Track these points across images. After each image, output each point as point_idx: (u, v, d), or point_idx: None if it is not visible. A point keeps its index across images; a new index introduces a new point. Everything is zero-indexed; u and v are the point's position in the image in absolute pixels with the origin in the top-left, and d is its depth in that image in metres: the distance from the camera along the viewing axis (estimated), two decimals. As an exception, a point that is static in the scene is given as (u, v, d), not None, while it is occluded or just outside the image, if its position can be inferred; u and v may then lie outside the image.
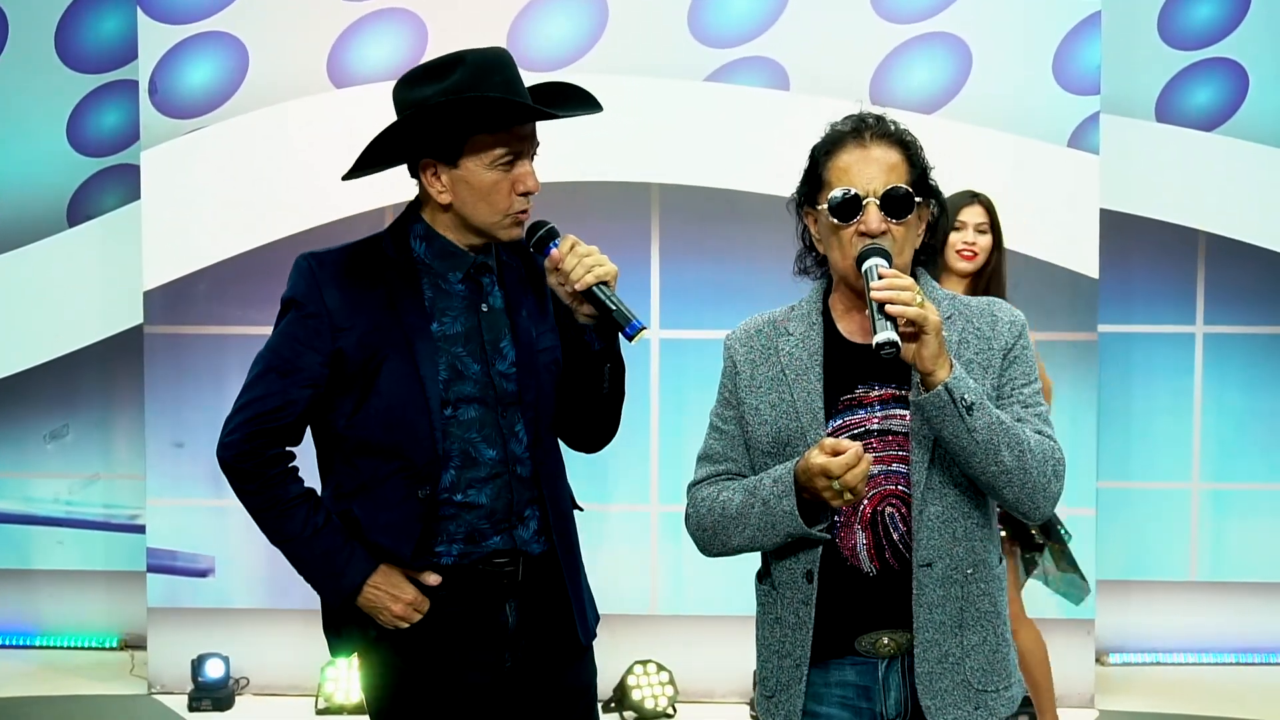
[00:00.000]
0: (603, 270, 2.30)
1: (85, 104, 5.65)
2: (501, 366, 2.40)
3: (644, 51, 5.07)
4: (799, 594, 2.23)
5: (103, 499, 5.73)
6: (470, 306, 2.41)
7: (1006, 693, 2.26)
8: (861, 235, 2.18)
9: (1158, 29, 5.49)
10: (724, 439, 2.33)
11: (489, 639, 2.42)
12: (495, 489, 2.39)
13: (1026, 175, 4.98)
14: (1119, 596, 5.47)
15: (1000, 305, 2.30)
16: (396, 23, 5.08)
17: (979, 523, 2.23)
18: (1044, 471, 2.15)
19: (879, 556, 2.20)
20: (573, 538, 2.51)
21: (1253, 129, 5.48)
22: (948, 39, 5.03)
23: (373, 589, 2.36)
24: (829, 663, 2.24)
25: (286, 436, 2.40)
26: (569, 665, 2.50)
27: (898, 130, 2.26)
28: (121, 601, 5.63)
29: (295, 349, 2.37)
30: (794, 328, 2.31)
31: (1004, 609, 2.29)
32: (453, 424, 2.35)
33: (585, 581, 2.56)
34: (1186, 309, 5.55)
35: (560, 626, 2.48)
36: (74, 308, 5.68)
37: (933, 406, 2.09)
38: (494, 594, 2.42)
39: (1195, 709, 5.05)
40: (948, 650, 2.20)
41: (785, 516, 2.16)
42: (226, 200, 5.12)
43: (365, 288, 2.36)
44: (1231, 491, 5.60)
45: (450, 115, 2.28)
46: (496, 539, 2.40)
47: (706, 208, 5.07)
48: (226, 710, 5.02)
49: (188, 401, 5.19)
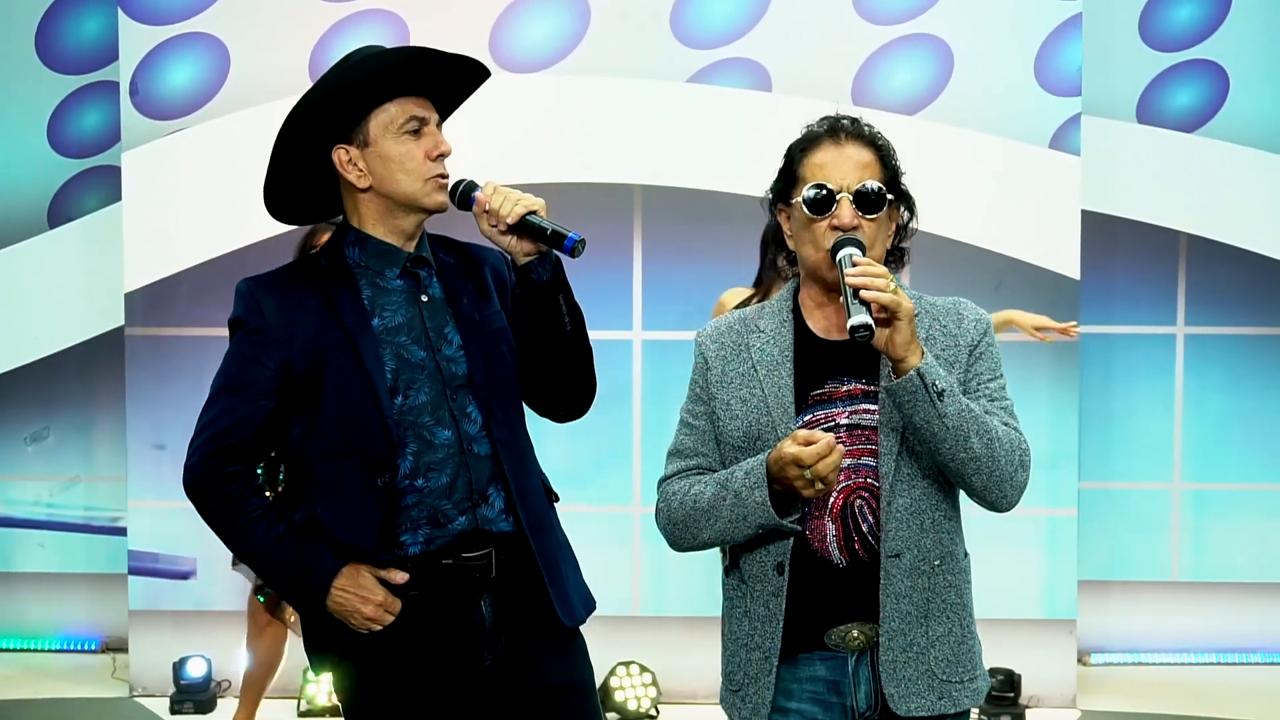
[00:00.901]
0: (529, 201, 2.34)
1: (66, 105, 5.64)
2: (448, 351, 2.41)
3: (626, 53, 5.05)
4: (769, 586, 2.24)
5: (84, 501, 5.72)
6: (410, 299, 2.42)
7: (971, 684, 2.28)
8: (834, 229, 2.22)
9: (1139, 30, 5.49)
10: (695, 434, 2.36)
11: (465, 639, 2.38)
12: (453, 469, 2.37)
13: (1008, 176, 4.98)
14: (1100, 597, 5.47)
15: (965, 304, 2.34)
16: (379, 23, 5.05)
17: (946, 514, 2.26)
18: (1011, 460, 2.18)
19: (848, 548, 2.22)
20: (544, 516, 2.47)
21: (1234, 130, 5.49)
22: (929, 40, 5.01)
23: (340, 591, 2.34)
24: (798, 658, 2.25)
25: (243, 453, 2.40)
26: (556, 660, 2.44)
27: (871, 132, 2.32)
28: (103, 604, 5.61)
29: (243, 365, 2.40)
30: (765, 324, 2.33)
31: (969, 601, 2.32)
32: (405, 411, 2.36)
33: (569, 561, 2.52)
34: (1167, 310, 5.55)
35: (540, 615, 2.42)
36: (54, 309, 5.66)
37: (904, 392, 2.12)
38: (466, 590, 2.38)
39: (1177, 709, 5.05)
40: (912, 640, 2.22)
41: (757, 508, 2.17)
42: (208, 202, 5.09)
43: (303, 298, 2.40)
44: (1212, 492, 5.60)
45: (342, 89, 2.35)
46: (461, 519, 2.37)
47: (689, 209, 5.05)
48: (209, 713, 4.99)
49: (169, 403, 5.14)
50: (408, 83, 2.39)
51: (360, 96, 2.36)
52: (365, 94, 2.36)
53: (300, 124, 2.37)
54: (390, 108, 2.37)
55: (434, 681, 2.38)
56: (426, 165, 2.38)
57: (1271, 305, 5.53)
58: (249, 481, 2.41)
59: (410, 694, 2.38)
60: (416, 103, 2.39)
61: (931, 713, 2.22)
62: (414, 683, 2.38)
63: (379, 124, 2.37)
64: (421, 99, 2.41)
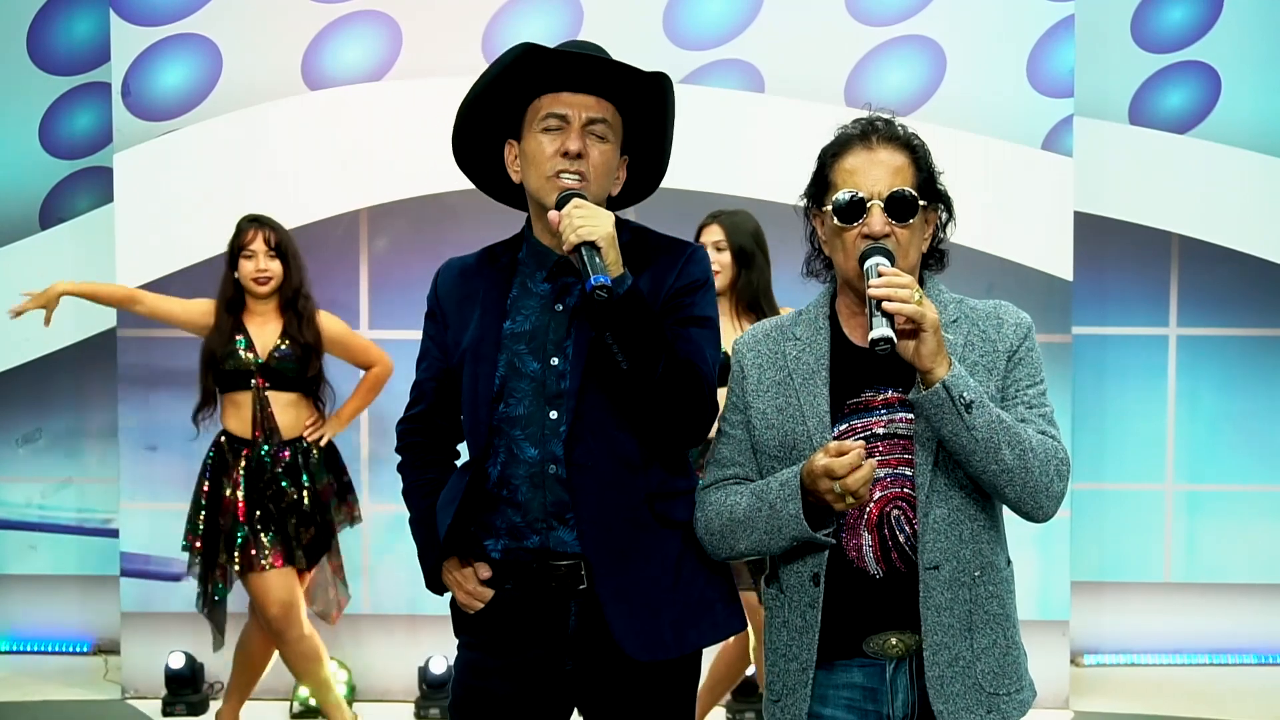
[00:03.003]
0: (586, 230, 2.22)
1: (57, 106, 5.70)
2: (560, 365, 2.34)
3: (619, 53, 4.91)
4: (806, 597, 2.21)
5: (75, 503, 5.72)
6: (546, 306, 2.38)
7: (1018, 695, 2.24)
8: (865, 238, 2.17)
9: (1131, 32, 5.55)
10: (732, 444, 2.32)
11: (549, 638, 2.36)
12: (530, 488, 2.34)
13: (1001, 178, 4.98)
14: (1093, 598, 5.52)
15: (1006, 308, 2.28)
16: (371, 24, 5.09)
17: (985, 525, 2.21)
18: (1046, 471, 2.12)
19: (885, 559, 2.17)
20: (625, 543, 2.32)
21: (1226, 131, 5.54)
22: (922, 41, 5.01)
23: (445, 573, 2.43)
24: (835, 664, 2.22)
25: (424, 421, 2.51)
26: (630, 687, 2.34)
27: (906, 134, 2.25)
28: (94, 606, 5.61)
29: (425, 343, 2.52)
30: (800, 332, 2.29)
31: (1013, 612, 2.26)
32: (501, 420, 2.36)
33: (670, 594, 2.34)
34: (1160, 311, 5.59)
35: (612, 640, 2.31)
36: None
37: (930, 404, 2.07)
38: (553, 592, 2.34)
39: (1169, 709, 5.05)
40: (958, 653, 2.17)
41: (791, 520, 2.15)
42: (200, 203, 5.11)
43: (473, 290, 2.45)
44: (1205, 493, 5.64)
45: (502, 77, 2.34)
46: (535, 539, 2.35)
47: (682, 209, 4.98)
48: (200, 715, 4.97)
49: (161, 405, 5.16)
50: (572, 79, 2.34)
51: (515, 89, 2.36)
52: (520, 87, 2.35)
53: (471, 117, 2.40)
54: (542, 101, 2.34)
55: (516, 670, 2.38)
56: (552, 161, 2.32)
57: (1264, 306, 5.57)
58: (420, 452, 2.53)
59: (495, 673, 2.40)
60: (574, 99, 2.33)
61: None
62: (499, 666, 2.39)
63: (531, 119, 2.36)
64: (586, 96, 2.34)
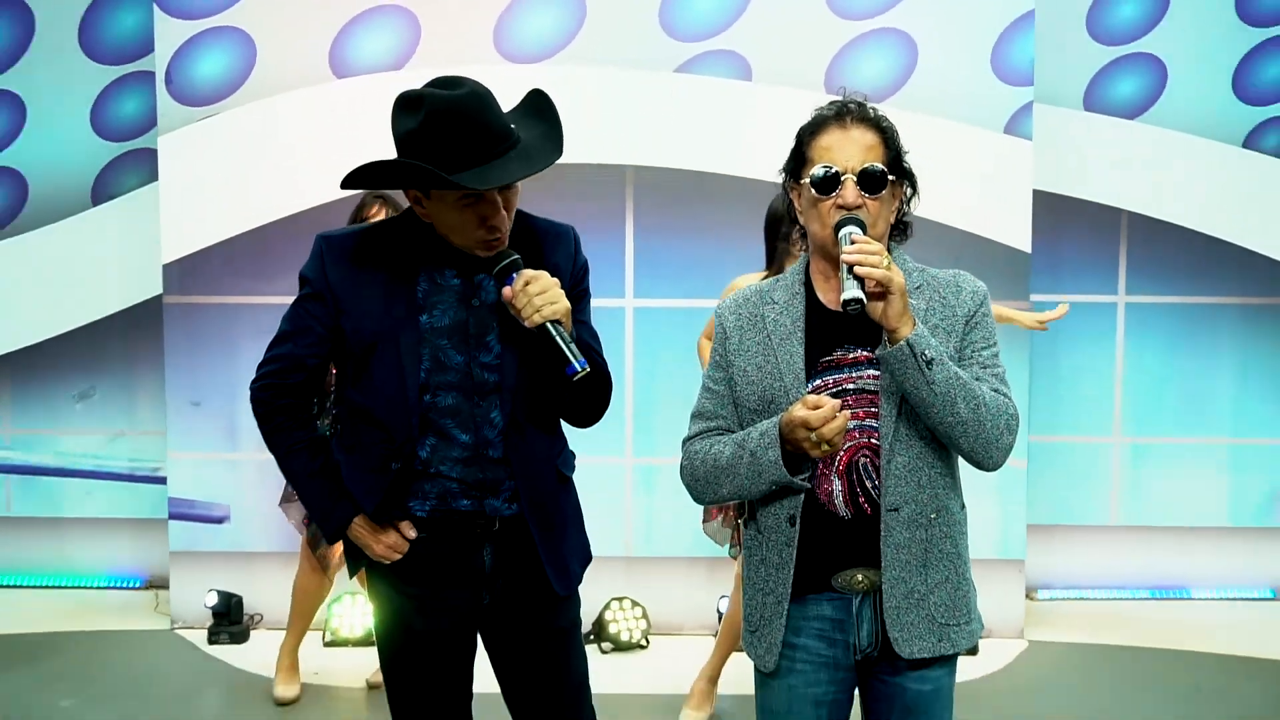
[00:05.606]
0: (550, 310, 2.23)
1: (107, 93, 5.60)
2: (485, 359, 2.36)
3: (619, 44, 5.02)
4: (782, 536, 2.23)
5: (128, 453, 5.72)
6: (462, 300, 2.35)
7: (967, 627, 2.27)
8: (839, 208, 2.18)
9: (1086, 26, 5.46)
10: (715, 398, 2.33)
11: (467, 578, 2.41)
12: (466, 466, 2.37)
13: (966, 158, 4.95)
14: (1046, 539, 5.50)
15: (964, 277, 2.31)
16: (391, 17, 5.03)
17: (942, 472, 2.23)
18: (997, 425, 2.16)
19: (853, 502, 2.20)
20: (548, 504, 2.43)
21: (1171, 117, 5.47)
22: (896, 34, 4.99)
23: (356, 530, 2.40)
24: (807, 599, 2.24)
25: (295, 391, 2.43)
26: (548, 609, 2.46)
27: (876, 115, 2.26)
28: (145, 546, 5.63)
29: (303, 319, 2.39)
30: (778, 296, 2.30)
31: (965, 551, 2.29)
32: (430, 410, 2.34)
33: (571, 537, 2.49)
34: (1110, 281, 5.54)
35: (536, 578, 2.43)
36: (98, 280, 5.64)
37: (895, 360, 2.10)
38: (470, 540, 2.40)
39: (1115, 640, 5.07)
40: (913, 587, 2.20)
41: (771, 466, 2.16)
42: (238, 181, 5.08)
43: (368, 275, 2.35)
44: (1148, 445, 5.61)
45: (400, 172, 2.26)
46: (465, 502, 2.38)
47: (676, 187, 5.03)
48: (242, 644, 5.01)
49: (203, 364, 5.16)
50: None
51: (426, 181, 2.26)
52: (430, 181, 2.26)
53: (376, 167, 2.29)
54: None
55: (437, 609, 2.41)
56: (476, 232, 2.28)
57: (1204, 277, 5.51)
58: (297, 414, 2.44)
59: (418, 615, 2.42)
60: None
61: (932, 654, 2.21)
62: (420, 606, 2.42)
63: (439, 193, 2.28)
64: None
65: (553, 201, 3.22)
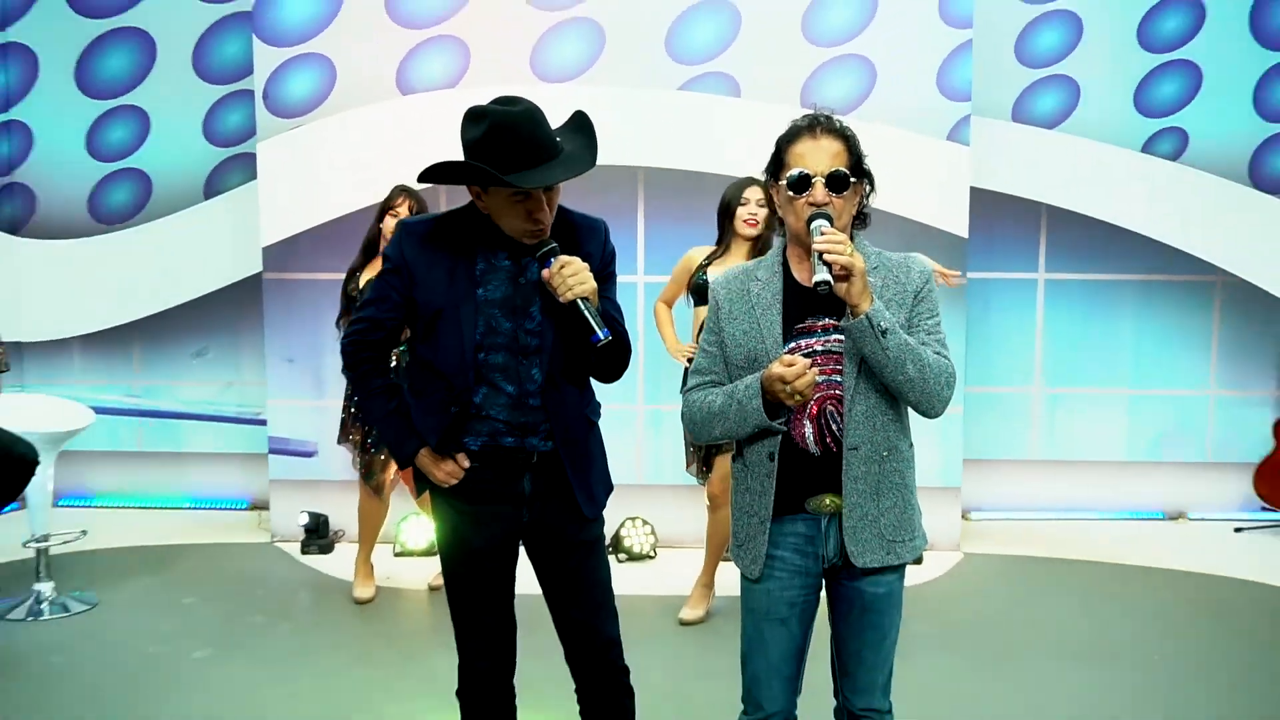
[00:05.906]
0: (580, 289, 2.23)
1: (215, 108, 5.61)
2: (529, 326, 2.35)
3: (631, 67, 4.99)
4: (763, 469, 2.22)
5: (235, 400, 5.75)
6: (511, 278, 2.34)
7: (911, 542, 2.26)
8: (811, 205, 2.17)
9: (1015, 51, 5.43)
10: (709, 358, 2.33)
11: (511, 499, 2.41)
12: (511, 411, 2.37)
13: (915, 161, 4.93)
14: (980, 470, 5.51)
15: (914, 259, 2.28)
16: (447, 45, 5.01)
17: (893, 419, 2.22)
18: (939, 382, 2.15)
19: (822, 442, 2.19)
20: (580, 442, 2.43)
21: (1083, 127, 5.45)
22: (859, 59, 4.95)
23: (422, 459, 2.41)
24: (784, 519, 2.23)
25: (375, 346, 2.43)
26: (579, 526, 2.46)
27: (841, 127, 2.24)
28: (250, 475, 5.68)
29: (385, 289, 2.39)
30: (761, 274, 2.28)
31: (911, 482, 2.28)
32: (483, 366, 2.35)
33: (596, 470, 2.49)
34: (1032, 261, 5.53)
35: (568, 502, 2.44)
36: (210, 260, 5.65)
37: (856, 330, 2.10)
38: (513, 469, 2.40)
39: (1034, 552, 5.08)
40: (867, 511, 2.19)
41: (754, 412, 2.16)
42: (321, 179, 5.07)
43: (437, 254, 2.35)
44: (1063, 394, 5.61)
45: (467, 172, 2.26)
46: (510, 440, 2.38)
47: (679, 184, 5.02)
48: (329, 554, 5.06)
49: (295, 328, 5.17)
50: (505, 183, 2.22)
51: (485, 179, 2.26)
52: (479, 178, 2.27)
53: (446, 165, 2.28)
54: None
55: (486, 522, 2.42)
56: (524, 224, 2.28)
57: (1109, 257, 5.49)
58: (378, 364, 2.45)
59: (470, 528, 2.43)
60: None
61: (882, 564, 2.21)
62: (473, 521, 2.43)
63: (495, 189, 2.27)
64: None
65: (576, 196, 3.20)
